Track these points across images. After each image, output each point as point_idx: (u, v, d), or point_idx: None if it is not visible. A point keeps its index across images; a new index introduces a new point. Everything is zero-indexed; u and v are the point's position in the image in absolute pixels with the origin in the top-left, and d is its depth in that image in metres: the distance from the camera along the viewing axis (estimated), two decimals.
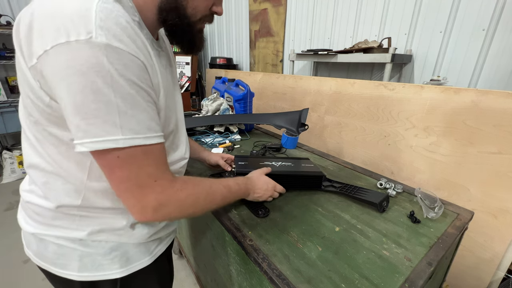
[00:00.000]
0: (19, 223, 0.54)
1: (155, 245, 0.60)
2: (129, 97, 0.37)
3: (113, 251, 0.53)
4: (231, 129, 1.32)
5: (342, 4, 1.78)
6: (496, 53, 1.22)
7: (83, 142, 0.37)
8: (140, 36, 0.41)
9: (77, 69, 0.34)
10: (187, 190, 0.48)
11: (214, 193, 0.54)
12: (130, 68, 0.37)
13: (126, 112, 0.37)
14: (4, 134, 2.75)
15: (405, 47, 1.53)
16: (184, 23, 0.48)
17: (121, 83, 0.36)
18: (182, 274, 1.50)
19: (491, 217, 0.92)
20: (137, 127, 0.39)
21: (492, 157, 0.90)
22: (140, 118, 0.39)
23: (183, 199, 0.47)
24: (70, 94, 0.35)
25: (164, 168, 0.45)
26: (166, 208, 0.45)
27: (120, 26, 0.37)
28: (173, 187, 0.45)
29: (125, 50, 0.36)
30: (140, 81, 0.39)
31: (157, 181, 0.43)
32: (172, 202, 0.45)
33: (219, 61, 2.82)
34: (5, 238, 1.70)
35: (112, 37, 0.35)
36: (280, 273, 0.50)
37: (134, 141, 0.39)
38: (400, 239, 0.59)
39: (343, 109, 1.39)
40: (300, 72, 2.25)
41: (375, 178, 0.87)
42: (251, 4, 2.53)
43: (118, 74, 0.36)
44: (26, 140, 0.48)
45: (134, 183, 0.41)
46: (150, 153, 0.42)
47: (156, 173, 0.43)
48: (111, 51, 0.35)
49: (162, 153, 0.44)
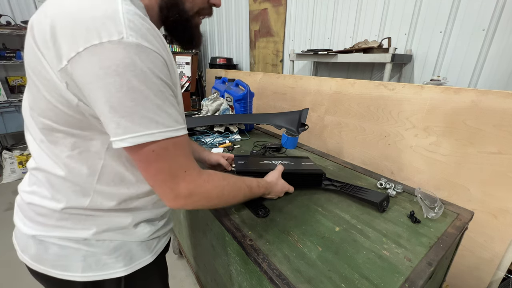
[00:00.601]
0: (16, 225, 0.53)
1: (155, 243, 0.61)
2: (160, 93, 0.40)
3: (118, 249, 0.53)
4: (231, 129, 1.32)
5: (342, 4, 1.78)
6: (496, 53, 1.22)
7: (124, 138, 0.39)
8: (160, 34, 0.42)
9: (113, 69, 0.35)
10: (213, 182, 0.51)
11: (238, 189, 0.58)
12: (158, 66, 0.39)
13: (159, 107, 0.40)
14: (4, 134, 2.75)
15: (405, 47, 1.53)
16: (183, 19, 0.49)
17: (153, 81, 0.38)
18: (182, 274, 1.50)
19: (491, 217, 0.92)
20: (168, 121, 0.41)
21: (492, 157, 0.90)
22: (169, 112, 0.42)
23: (210, 190, 0.50)
24: (108, 94, 0.36)
25: (192, 159, 0.48)
26: (195, 196, 0.48)
27: (145, 26, 0.38)
28: (200, 177, 0.48)
29: (152, 49, 0.38)
30: (166, 77, 0.41)
31: (187, 172, 0.46)
32: (201, 192, 0.48)
33: (219, 61, 2.82)
34: (5, 238, 1.70)
35: (140, 37, 0.37)
36: (280, 273, 0.50)
37: (167, 133, 0.41)
38: (400, 239, 0.59)
39: (343, 109, 1.39)
40: (300, 72, 2.25)
41: (375, 178, 0.87)
42: (251, 4, 2.53)
43: (150, 72, 0.38)
44: (34, 143, 0.48)
45: (168, 174, 0.44)
46: (179, 144, 0.44)
47: (186, 164, 0.46)
48: (141, 50, 0.37)
49: (188, 144, 0.47)
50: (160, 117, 0.40)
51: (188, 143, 0.48)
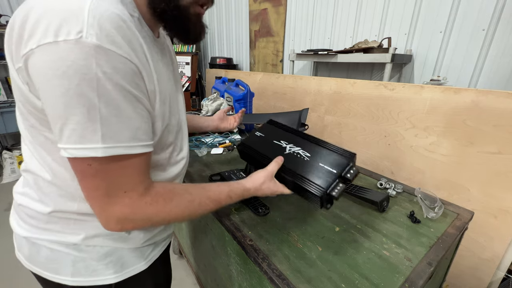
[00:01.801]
0: (11, 225, 0.53)
1: (150, 249, 0.59)
2: (114, 102, 0.35)
3: (108, 256, 0.52)
4: None
5: (342, 4, 1.78)
6: (496, 53, 1.22)
7: (65, 148, 0.36)
8: (137, 36, 0.38)
9: (62, 70, 0.32)
10: (157, 205, 0.44)
11: (195, 208, 0.49)
12: (121, 73, 0.35)
13: (108, 118, 0.35)
14: (4, 134, 2.75)
15: (405, 47, 1.53)
16: (171, 8, 0.43)
17: (107, 88, 0.34)
18: (182, 274, 1.50)
19: (491, 217, 0.92)
20: (120, 135, 0.37)
21: (492, 157, 0.90)
22: (124, 125, 0.37)
23: (151, 215, 0.43)
24: (53, 97, 0.33)
25: (139, 179, 0.42)
26: (131, 222, 0.42)
27: (115, 25, 0.34)
28: (142, 200, 0.42)
29: (117, 52, 0.34)
30: (130, 86, 0.37)
31: (127, 192, 0.40)
32: (138, 218, 0.42)
33: (219, 61, 2.82)
34: (5, 238, 1.70)
35: (104, 37, 0.33)
36: (280, 273, 0.50)
37: (114, 150, 0.37)
38: (400, 239, 0.59)
39: (343, 109, 1.39)
40: (300, 72, 2.25)
41: (375, 178, 0.87)
42: (251, 4, 2.53)
43: (105, 77, 0.33)
44: (24, 144, 0.47)
45: (103, 193, 0.39)
46: (128, 162, 0.39)
47: (128, 184, 0.40)
48: (101, 52, 0.32)
49: (142, 164, 0.42)
50: (108, 129, 0.35)
51: (146, 162, 0.43)
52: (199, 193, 0.51)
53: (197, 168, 0.94)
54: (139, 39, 0.39)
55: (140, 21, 0.42)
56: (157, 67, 0.44)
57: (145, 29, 0.44)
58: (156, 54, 0.46)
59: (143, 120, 0.40)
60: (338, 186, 0.55)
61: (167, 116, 0.49)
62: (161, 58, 0.49)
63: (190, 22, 0.46)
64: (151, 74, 0.41)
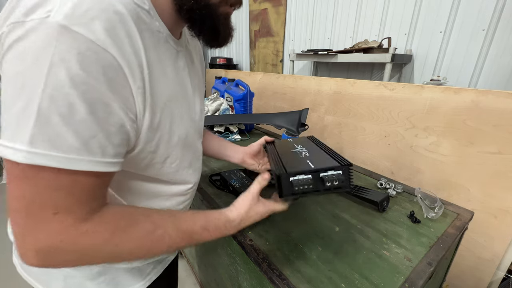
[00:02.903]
0: (8, 232, 0.51)
1: (151, 268, 0.54)
2: (63, 97, 0.27)
3: (101, 275, 0.48)
4: (231, 129, 1.32)
5: (342, 4, 1.78)
6: (496, 53, 1.22)
7: None
8: (132, 30, 0.32)
9: (19, 52, 0.27)
10: (98, 237, 0.32)
11: (156, 242, 0.37)
12: (86, 61, 0.27)
13: (49, 116, 0.27)
14: None
15: (405, 47, 1.53)
16: (201, 6, 0.38)
17: (59, 78, 0.27)
18: (182, 274, 1.50)
19: (491, 217, 0.92)
20: (59, 141, 0.28)
21: (492, 157, 0.90)
22: (70, 129, 0.28)
23: (88, 248, 0.32)
24: (4, 81, 0.28)
25: (81, 200, 0.31)
26: (58, 255, 0.31)
27: (99, 9, 0.28)
28: (78, 227, 0.31)
29: (88, 37, 0.27)
30: (97, 81, 0.29)
31: (58, 215, 0.30)
32: (70, 248, 0.31)
33: (219, 61, 2.82)
34: (5, 238, 1.70)
35: (75, 18, 0.27)
36: (280, 273, 0.50)
37: (42, 159, 0.27)
38: (400, 239, 0.59)
39: (343, 109, 1.39)
40: (300, 72, 2.25)
41: (375, 178, 0.87)
42: (251, 4, 2.53)
43: (62, 65, 0.27)
44: None
45: (24, 207, 0.29)
46: (67, 179, 0.29)
47: (62, 204, 0.30)
48: (65, 34, 0.26)
49: (91, 184, 0.32)
50: (43, 130, 0.27)
51: (100, 184, 0.33)
52: (164, 223, 0.38)
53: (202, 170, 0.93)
54: (134, 33, 0.33)
55: (151, 14, 0.37)
56: (160, 69, 0.38)
57: (157, 24, 0.38)
58: (165, 55, 0.40)
59: (105, 128, 0.30)
60: (305, 181, 0.46)
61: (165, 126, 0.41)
62: (173, 61, 0.43)
63: (219, 22, 0.41)
64: (141, 74, 0.34)
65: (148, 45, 0.35)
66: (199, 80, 0.56)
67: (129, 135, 0.34)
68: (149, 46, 0.36)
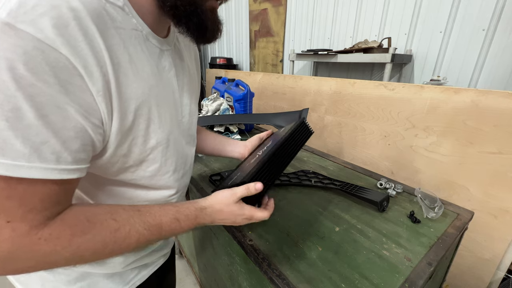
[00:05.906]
0: None
1: (134, 273, 0.52)
2: (8, 101, 0.26)
3: (78, 281, 0.46)
4: (231, 129, 1.32)
5: (342, 4, 1.78)
6: (496, 53, 1.22)
7: None
8: (92, 30, 0.30)
9: None
10: (58, 242, 0.31)
11: (122, 240, 0.36)
12: (32, 62, 0.26)
13: None
14: None
15: (405, 47, 1.53)
16: (185, 2, 0.36)
17: (3, 79, 0.25)
18: (182, 274, 1.50)
19: (491, 217, 0.92)
20: (5, 147, 0.26)
21: (492, 157, 0.90)
22: (17, 134, 0.26)
23: (47, 253, 0.31)
24: None
25: (36, 207, 0.30)
26: (14, 263, 0.29)
27: (50, 6, 0.26)
28: (33, 234, 0.30)
29: (35, 35, 0.25)
30: (45, 83, 0.27)
31: (11, 223, 0.28)
32: (26, 256, 0.30)
33: (219, 61, 2.83)
34: None
35: (20, 14, 0.25)
36: (280, 273, 0.50)
37: None
38: (400, 239, 0.59)
39: (343, 109, 1.39)
40: (300, 72, 2.25)
41: (375, 178, 0.87)
42: (251, 4, 2.53)
43: (5, 66, 0.25)
44: None
45: None
46: (19, 186, 0.28)
47: (15, 212, 0.29)
48: (8, 32, 0.25)
49: (46, 192, 0.30)
50: None
51: (54, 190, 0.31)
52: (130, 218, 0.37)
53: (197, 168, 0.94)
54: (92, 31, 0.30)
55: (126, 11, 0.35)
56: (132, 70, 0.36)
57: (133, 22, 0.36)
58: (142, 55, 0.38)
59: (60, 134, 0.29)
60: None
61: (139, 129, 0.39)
62: (155, 61, 0.41)
63: (206, 17, 0.39)
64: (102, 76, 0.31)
65: (114, 44, 0.33)
66: (192, 80, 0.53)
67: (93, 140, 0.32)
68: (116, 45, 0.33)
